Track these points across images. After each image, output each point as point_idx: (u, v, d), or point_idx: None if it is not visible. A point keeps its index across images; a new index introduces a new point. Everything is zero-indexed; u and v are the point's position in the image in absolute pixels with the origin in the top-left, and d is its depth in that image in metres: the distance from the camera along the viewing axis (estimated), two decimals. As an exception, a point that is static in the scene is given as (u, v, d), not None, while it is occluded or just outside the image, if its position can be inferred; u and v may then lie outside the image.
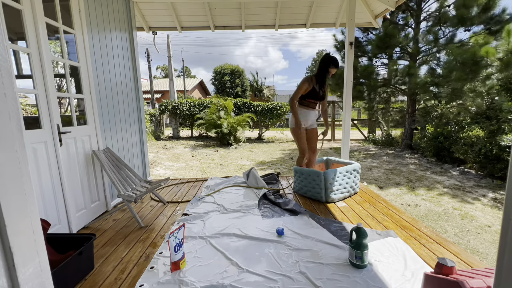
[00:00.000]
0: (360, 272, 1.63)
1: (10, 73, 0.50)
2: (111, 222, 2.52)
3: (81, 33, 2.43)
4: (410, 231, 2.21)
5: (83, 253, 1.63)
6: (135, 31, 3.57)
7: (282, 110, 11.32)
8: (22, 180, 0.52)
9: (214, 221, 2.43)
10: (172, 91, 18.11)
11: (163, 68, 47.50)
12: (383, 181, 5.00)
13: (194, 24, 4.45)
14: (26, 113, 6.63)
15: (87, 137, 2.52)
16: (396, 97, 9.59)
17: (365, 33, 8.68)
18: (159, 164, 6.57)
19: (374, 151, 8.53)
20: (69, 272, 1.54)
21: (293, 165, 6.26)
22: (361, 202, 2.92)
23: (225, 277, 1.61)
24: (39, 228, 0.55)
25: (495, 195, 4.10)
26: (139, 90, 3.62)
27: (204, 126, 10.25)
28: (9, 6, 1.76)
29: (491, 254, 2.53)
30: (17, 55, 3.28)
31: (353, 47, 3.72)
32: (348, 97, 3.81)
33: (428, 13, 7.76)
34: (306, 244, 1.98)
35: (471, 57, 5.62)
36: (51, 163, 2.06)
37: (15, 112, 0.50)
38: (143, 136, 3.74)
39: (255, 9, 4.16)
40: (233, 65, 27.59)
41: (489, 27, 6.27)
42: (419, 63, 7.76)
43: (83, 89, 2.48)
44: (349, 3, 3.61)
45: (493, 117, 5.40)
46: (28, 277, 0.52)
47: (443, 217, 3.35)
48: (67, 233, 2.17)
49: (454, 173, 5.49)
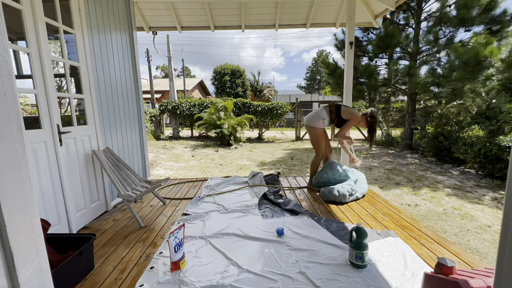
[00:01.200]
0: (360, 272, 1.63)
1: (10, 73, 0.50)
2: (111, 222, 2.52)
3: (81, 33, 2.43)
4: (410, 231, 2.21)
5: (83, 253, 1.63)
6: (135, 31, 3.56)
7: (282, 110, 11.31)
8: (22, 180, 0.52)
9: (214, 221, 2.43)
10: (172, 91, 18.10)
11: (163, 68, 47.51)
12: (383, 181, 5.00)
13: (194, 24, 4.45)
14: (26, 113, 6.63)
15: (87, 137, 2.52)
16: (396, 97, 9.59)
17: (365, 32, 8.67)
18: (159, 164, 6.57)
19: (374, 151, 8.53)
20: (69, 272, 1.54)
21: (293, 165, 6.26)
22: (361, 202, 2.92)
23: (225, 277, 1.61)
24: (39, 228, 0.55)
25: (495, 195, 4.10)
26: (139, 90, 3.62)
27: (204, 126, 10.25)
28: (9, 6, 1.76)
29: (491, 254, 2.53)
30: (17, 55, 3.28)
31: (353, 47, 3.72)
32: (348, 97, 3.80)
33: (429, 13, 7.76)
34: (306, 244, 1.98)
35: (474, 57, 5.62)
36: (51, 163, 2.06)
37: (15, 112, 0.50)
38: (143, 136, 3.74)
39: (255, 9, 4.16)
40: (233, 65, 27.59)
41: (489, 27, 6.26)
42: (419, 63, 7.76)
43: (83, 89, 2.48)
44: (349, 3, 3.61)
45: (493, 117, 5.40)
46: (28, 277, 0.52)
47: (443, 217, 3.34)
48: (67, 233, 2.17)
49: (454, 173, 5.49)
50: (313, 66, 47.30)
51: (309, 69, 48.41)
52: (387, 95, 9.32)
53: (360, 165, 3.48)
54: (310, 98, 28.41)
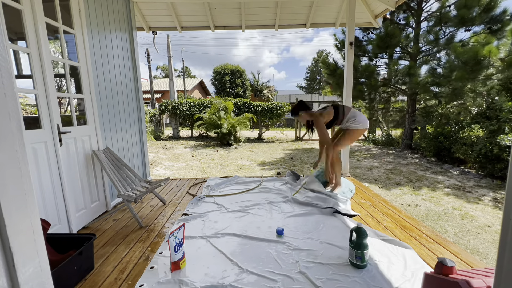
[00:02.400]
0: (360, 272, 1.63)
1: (10, 73, 0.50)
2: (111, 222, 2.52)
3: (81, 33, 2.43)
4: (410, 231, 2.21)
5: (83, 253, 1.64)
6: (135, 31, 3.56)
7: (282, 110, 11.31)
8: (22, 180, 0.52)
9: (214, 221, 2.43)
10: (172, 91, 18.10)
11: (163, 68, 47.51)
12: (383, 181, 5.00)
13: (194, 24, 4.45)
14: (26, 113, 6.63)
15: (87, 137, 2.52)
16: (396, 97, 9.59)
17: (365, 32, 8.67)
18: (159, 164, 6.57)
19: (374, 151, 8.53)
20: (68, 272, 1.54)
21: (293, 165, 6.25)
22: (361, 202, 2.92)
23: (225, 277, 1.61)
24: (39, 228, 0.55)
25: (495, 195, 4.10)
26: (139, 90, 3.62)
27: (204, 126, 10.25)
28: (9, 6, 1.76)
29: (491, 254, 2.53)
30: (17, 55, 3.28)
31: (353, 47, 3.72)
32: (348, 97, 3.80)
33: (429, 13, 7.75)
34: (306, 244, 1.98)
35: (473, 56, 5.62)
36: (51, 163, 2.06)
37: (15, 112, 0.50)
38: (143, 136, 3.74)
39: (255, 9, 4.16)
40: (233, 65, 27.59)
41: (489, 26, 6.27)
42: (419, 63, 7.76)
43: (83, 89, 2.48)
44: (349, 3, 3.61)
45: (493, 117, 5.40)
46: (28, 277, 0.52)
47: (443, 217, 3.34)
48: (67, 233, 2.17)
49: (454, 173, 5.49)
50: (313, 66, 47.30)
51: (309, 69, 48.41)
52: (387, 95, 9.31)
53: (337, 191, 2.97)
54: (310, 98, 28.42)
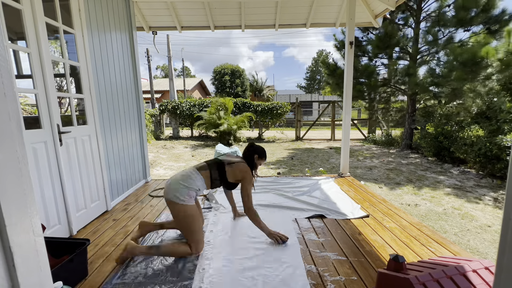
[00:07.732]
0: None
1: (10, 73, 0.50)
2: (111, 222, 2.52)
3: (81, 33, 2.43)
4: (410, 231, 2.21)
5: (74, 260, 1.55)
6: (135, 31, 3.56)
7: (282, 110, 11.31)
8: (22, 180, 0.52)
9: (214, 221, 2.44)
10: (172, 91, 18.08)
11: (163, 68, 47.49)
12: (383, 180, 5.00)
13: (194, 24, 4.45)
14: (26, 113, 6.63)
15: (87, 137, 2.52)
16: (396, 96, 9.58)
17: (365, 32, 8.67)
18: (159, 164, 6.57)
19: (374, 151, 8.53)
20: (61, 279, 1.42)
21: (293, 165, 6.25)
22: (361, 202, 2.92)
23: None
24: (39, 228, 0.55)
25: (495, 195, 4.10)
26: (139, 90, 3.62)
27: (204, 126, 10.24)
28: (9, 6, 1.76)
29: (491, 254, 2.53)
30: (17, 55, 3.27)
31: (353, 47, 3.72)
32: (348, 97, 3.80)
33: (428, 13, 7.75)
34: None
35: (471, 57, 5.62)
36: (51, 163, 2.05)
37: (15, 112, 0.50)
38: (143, 136, 3.74)
39: (255, 9, 4.16)
40: (233, 65, 27.58)
41: (488, 26, 6.26)
42: (418, 63, 7.75)
43: (83, 89, 2.47)
44: (349, 2, 3.61)
45: (493, 117, 5.40)
46: (28, 277, 0.52)
47: (443, 217, 3.35)
48: (62, 237, 2.09)
49: (454, 172, 5.49)
50: (313, 66, 47.29)
51: (309, 69, 48.40)
52: (387, 95, 9.31)
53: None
54: (310, 98, 28.43)
